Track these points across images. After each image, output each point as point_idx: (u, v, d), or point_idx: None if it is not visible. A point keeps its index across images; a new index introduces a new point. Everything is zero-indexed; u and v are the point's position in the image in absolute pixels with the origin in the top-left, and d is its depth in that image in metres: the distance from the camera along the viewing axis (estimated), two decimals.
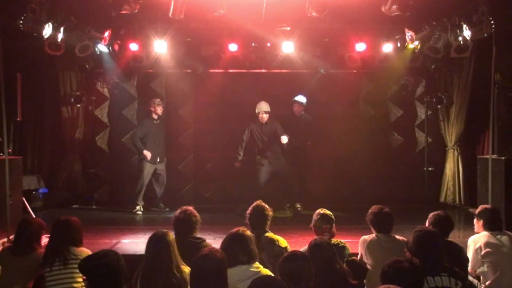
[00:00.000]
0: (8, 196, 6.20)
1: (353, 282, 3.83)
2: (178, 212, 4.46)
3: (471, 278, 4.47)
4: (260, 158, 8.61)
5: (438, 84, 9.59)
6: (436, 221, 4.46)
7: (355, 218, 6.20)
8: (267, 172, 8.57)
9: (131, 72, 9.63)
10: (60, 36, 7.54)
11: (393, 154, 10.01)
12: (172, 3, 7.03)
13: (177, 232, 4.29)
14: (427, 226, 4.31)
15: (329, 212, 4.71)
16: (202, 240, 4.39)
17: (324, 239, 4.06)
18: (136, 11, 7.13)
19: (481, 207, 4.84)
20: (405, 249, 3.91)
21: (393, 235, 4.50)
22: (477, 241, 4.54)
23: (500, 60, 6.68)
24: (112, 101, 9.78)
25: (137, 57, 8.80)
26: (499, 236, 4.51)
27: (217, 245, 3.88)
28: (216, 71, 9.66)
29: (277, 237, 4.58)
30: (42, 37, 7.28)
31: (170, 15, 7.13)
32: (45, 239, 4.59)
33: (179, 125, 9.86)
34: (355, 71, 9.65)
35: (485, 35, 7.07)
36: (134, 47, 8.62)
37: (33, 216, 6.50)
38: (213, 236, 5.89)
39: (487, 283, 4.42)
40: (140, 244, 5.77)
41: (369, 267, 4.39)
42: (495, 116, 6.86)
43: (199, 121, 9.96)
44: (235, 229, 3.87)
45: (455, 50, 8.26)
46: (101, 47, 8.50)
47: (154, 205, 8.92)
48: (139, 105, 9.79)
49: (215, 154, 9.90)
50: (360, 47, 8.81)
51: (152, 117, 8.76)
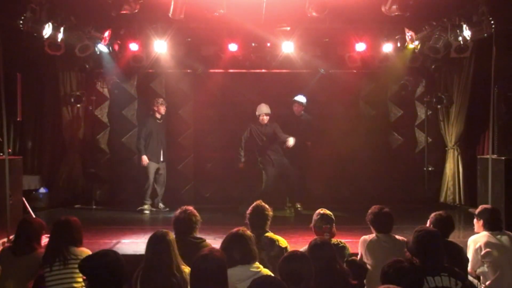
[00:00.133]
0: (8, 196, 6.20)
1: (353, 282, 3.83)
2: (178, 212, 4.46)
3: (471, 278, 4.47)
4: (262, 161, 8.59)
5: (438, 84, 9.59)
6: (437, 221, 4.46)
7: (355, 218, 6.20)
8: (274, 176, 8.57)
9: (131, 72, 9.63)
10: (60, 36, 7.55)
11: (393, 154, 10.01)
12: (172, 3, 7.03)
13: (177, 232, 4.29)
14: (427, 226, 4.31)
15: (329, 212, 4.71)
16: (202, 240, 4.39)
17: (324, 239, 4.06)
18: (136, 11, 7.14)
19: (481, 207, 4.84)
20: (405, 249, 3.91)
21: (393, 235, 4.50)
22: (477, 241, 4.54)
23: (500, 60, 6.68)
24: (112, 101, 9.78)
25: (137, 57, 8.81)
26: (499, 236, 4.51)
27: (217, 245, 3.88)
28: (216, 71, 9.66)
29: (277, 237, 4.58)
30: (42, 37, 7.28)
31: (170, 15, 7.14)
32: (45, 239, 4.59)
33: (179, 125, 9.86)
34: (355, 71, 9.65)
35: (485, 35, 7.07)
36: (134, 47, 8.63)
37: (33, 216, 6.50)
38: (213, 236, 5.88)
39: (487, 283, 4.42)
40: (140, 244, 5.77)
41: (369, 267, 4.39)
42: (495, 116, 6.86)
43: (199, 121, 9.96)
44: (235, 229, 3.87)
45: (455, 50, 8.27)
46: (101, 47, 8.52)
47: (154, 205, 8.94)
48: (139, 105, 9.80)
49: (215, 154, 9.89)
50: (360, 47, 8.81)
51: (156, 116, 8.81)
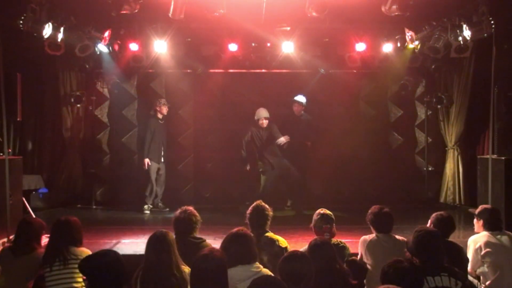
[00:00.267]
0: (8, 196, 6.20)
1: (353, 282, 3.83)
2: (178, 212, 4.46)
3: (471, 278, 4.47)
4: (262, 164, 8.59)
5: (438, 84, 9.58)
6: (437, 221, 4.47)
7: (355, 218, 6.20)
8: (274, 177, 8.58)
9: (131, 72, 9.63)
10: (60, 36, 7.54)
11: (393, 154, 10.01)
12: (172, 3, 7.03)
13: (177, 232, 4.29)
14: (427, 226, 4.31)
15: (329, 212, 4.71)
16: (202, 240, 4.39)
17: (324, 239, 4.06)
18: (136, 11, 7.14)
19: (481, 207, 4.84)
20: (405, 249, 3.91)
21: (393, 235, 4.50)
22: (477, 241, 4.54)
23: (500, 60, 6.68)
24: (112, 101, 9.77)
25: (137, 57, 8.81)
26: (499, 236, 4.51)
27: (217, 245, 3.88)
28: (216, 71, 9.65)
29: (277, 237, 4.58)
30: (42, 37, 7.28)
31: (170, 15, 7.14)
32: (45, 239, 4.59)
33: (179, 125, 9.85)
34: (355, 71, 9.65)
35: (485, 35, 7.07)
36: (134, 47, 8.63)
37: (33, 216, 6.50)
38: (213, 236, 5.88)
39: (487, 283, 4.42)
40: (140, 244, 5.77)
41: (369, 267, 4.39)
42: (495, 116, 6.86)
43: (199, 121, 9.96)
44: (235, 229, 3.86)
45: (455, 50, 8.26)
46: (101, 47, 8.52)
47: (154, 205, 8.94)
48: (139, 105, 9.81)
49: (215, 154, 9.89)
50: (360, 47, 8.81)
51: (158, 116, 8.83)
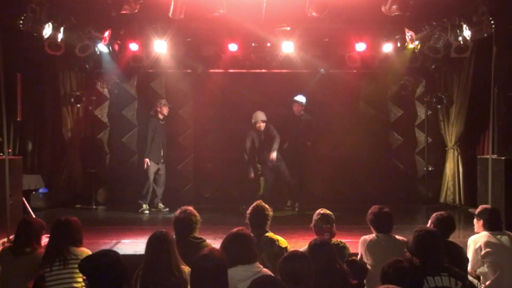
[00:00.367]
0: (8, 196, 6.20)
1: (353, 282, 3.83)
2: (178, 212, 4.46)
3: (471, 278, 4.47)
4: (262, 167, 8.58)
5: (438, 84, 9.58)
6: (438, 221, 4.47)
7: (355, 218, 6.19)
8: (273, 179, 8.61)
9: (131, 72, 9.63)
10: (60, 36, 7.55)
11: (393, 154, 10.01)
12: (172, 3, 7.03)
13: (177, 232, 4.29)
14: (427, 226, 4.31)
15: (329, 212, 4.70)
16: (202, 240, 4.39)
17: (324, 239, 4.06)
18: (136, 11, 7.13)
19: (481, 207, 4.84)
20: (405, 249, 3.91)
21: (393, 235, 4.50)
22: (477, 241, 4.54)
23: (500, 60, 6.68)
24: (112, 101, 9.77)
25: (137, 57, 8.81)
26: (499, 236, 4.51)
27: (217, 245, 3.88)
28: (216, 71, 9.65)
29: (277, 237, 4.59)
30: (42, 37, 7.28)
31: (170, 15, 7.13)
32: (45, 239, 4.59)
33: (179, 125, 9.85)
34: (355, 71, 9.65)
35: (485, 35, 7.07)
36: (134, 47, 8.63)
37: (33, 216, 6.50)
38: (213, 236, 5.88)
39: (487, 283, 4.42)
40: (140, 244, 5.77)
41: (369, 267, 4.39)
42: (495, 116, 6.86)
43: (199, 121, 9.96)
44: (235, 229, 3.86)
45: (455, 50, 8.26)
46: (101, 47, 8.52)
47: (154, 205, 8.94)
48: (139, 105, 9.80)
49: (215, 154, 9.89)
50: (360, 47, 8.81)
51: (158, 117, 8.85)
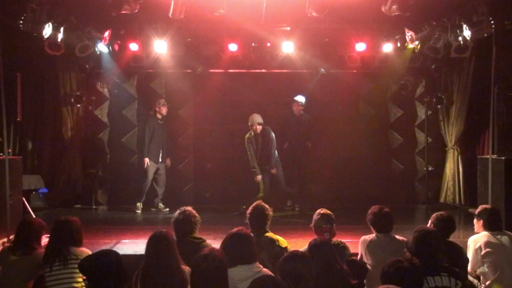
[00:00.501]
0: (8, 196, 6.20)
1: (353, 282, 3.82)
2: (177, 213, 4.45)
3: (471, 278, 4.47)
4: (259, 169, 8.56)
5: (438, 84, 9.58)
6: (438, 221, 4.46)
7: (355, 218, 6.20)
8: (269, 181, 8.60)
9: (131, 72, 9.63)
10: (60, 36, 7.55)
11: (393, 154, 10.01)
12: (172, 3, 7.03)
13: (177, 233, 4.29)
14: (427, 226, 4.31)
15: (329, 212, 4.70)
16: (202, 240, 4.39)
17: (324, 239, 4.06)
18: (136, 11, 7.14)
19: (481, 207, 4.84)
20: (405, 249, 3.90)
21: (393, 235, 4.50)
22: (477, 241, 4.54)
23: (500, 60, 6.67)
24: (112, 101, 9.77)
25: (137, 57, 8.82)
26: (499, 236, 4.51)
27: (217, 245, 3.87)
28: (216, 71, 9.65)
29: (277, 237, 4.58)
30: (42, 37, 7.29)
31: (170, 15, 7.14)
32: (45, 239, 4.58)
33: (179, 125, 9.85)
34: (355, 71, 9.64)
35: (485, 35, 7.07)
36: (134, 47, 8.63)
37: (33, 216, 6.50)
38: (213, 236, 5.89)
39: (487, 283, 4.42)
40: (140, 244, 5.78)
41: (369, 267, 4.39)
42: (495, 116, 6.86)
43: (199, 121, 9.96)
44: (235, 229, 3.86)
45: (455, 50, 8.25)
46: (101, 47, 8.52)
47: (154, 205, 8.94)
48: (139, 105, 9.80)
49: (215, 154, 9.89)
50: (360, 47, 8.82)
51: (157, 117, 8.85)
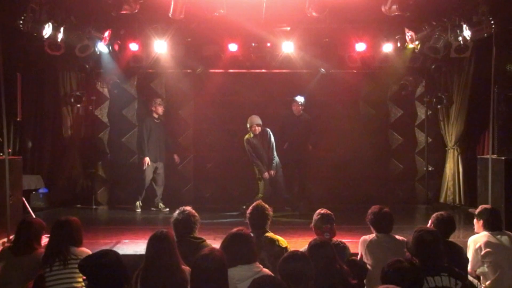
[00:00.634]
0: (8, 196, 6.20)
1: (353, 282, 3.82)
2: (177, 213, 4.45)
3: (471, 278, 4.47)
4: (258, 171, 8.56)
5: (438, 84, 9.57)
6: (438, 221, 4.46)
7: (355, 218, 6.20)
8: (268, 182, 8.60)
9: (131, 72, 9.63)
10: (60, 36, 7.55)
11: (393, 154, 10.01)
12: (172, 3, 7.03)
13: (177, 232, 4.29)
14: (427, 226, 4.31)
15: (329, 212, 4.70)
16: (202, 240, 4.39)
17: (324, 239, 4.06)
18: (136, 11, 7.15)
19: (481, 207, 4.84)
20: (405, 249, 3.90)
21: (393, 235, 4.50)
22: (477, 241, 4.54)
23: (500, 60, 6.68)
24: (112, 101, 9.77)
25: (137, 57, 8.82)
26: (499, 236, 4.51)
27: (217, 245, 3.88)
28: (216, 71, 9.66)
29: (277, 237, 4.58)
30: (42, 37, 7.28)
31: (170, 15, 7.14)
32: (45, 239, 4.58)
33: (179, 125, 9.86)
34: (355, 71, 9.65)
35: (485, 35, 7.07)
36: (134, 47, 8.64)
37: (33, 216, 6.50)
38: (213, 236, 5.89)
39: (487, 283, 4.42)
40: (140, 244, 5.78)
41: (369, 267, 4.39)
42: (495, 116, 6.86)
43: (199, 121, 9.96)
44: (235, 229, 3.86)
45: (455, 50, 8.26)
46: (101, 47, 8.51)
47: (154, 205, 8.95)
48: (139, 105, 9.81)
49: (215, 154, 9.90)
50: (360, 47, 8.82)
51: (153, 116, 8.87)
